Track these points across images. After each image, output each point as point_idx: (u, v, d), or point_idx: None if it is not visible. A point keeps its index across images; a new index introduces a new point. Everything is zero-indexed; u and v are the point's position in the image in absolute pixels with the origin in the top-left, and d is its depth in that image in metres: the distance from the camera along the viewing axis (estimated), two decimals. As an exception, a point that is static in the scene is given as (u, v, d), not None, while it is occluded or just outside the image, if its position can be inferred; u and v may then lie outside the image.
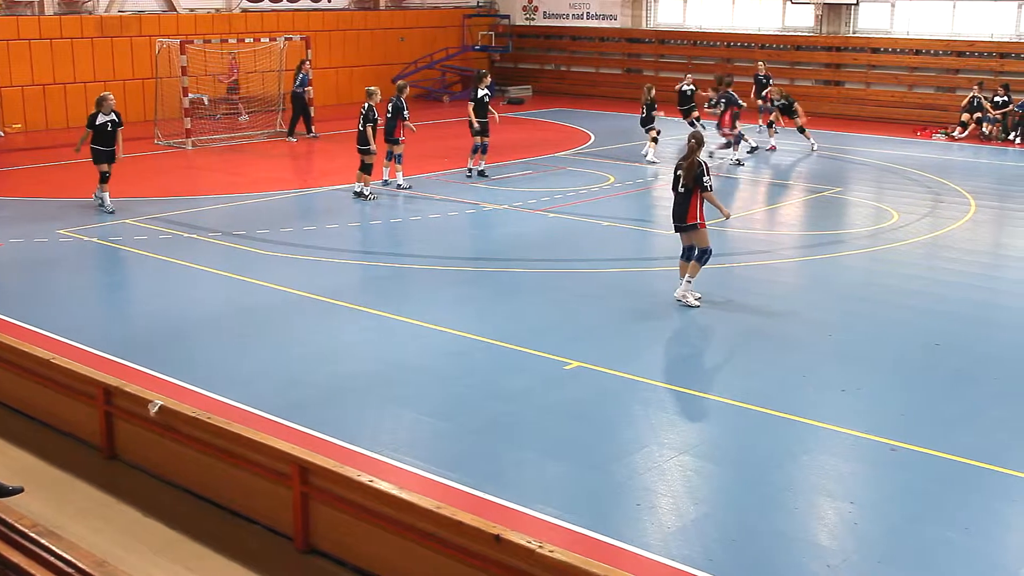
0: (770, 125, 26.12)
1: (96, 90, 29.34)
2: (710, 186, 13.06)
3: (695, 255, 13.20)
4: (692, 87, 27.18)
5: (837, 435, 9.69)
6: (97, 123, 18.51)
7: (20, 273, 15.13)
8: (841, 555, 7.66)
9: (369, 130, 19.50)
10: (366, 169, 19.68)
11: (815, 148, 25.57)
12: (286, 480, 7.66)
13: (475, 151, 21.92)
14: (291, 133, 27.57)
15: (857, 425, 9.83)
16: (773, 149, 25.51)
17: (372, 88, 20.08)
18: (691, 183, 13.01)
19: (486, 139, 21.80)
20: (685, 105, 26.72)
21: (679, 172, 13.15)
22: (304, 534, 7.64)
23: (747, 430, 9.85)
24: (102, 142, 18.59)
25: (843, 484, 8.84)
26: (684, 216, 13.19)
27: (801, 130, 25.62)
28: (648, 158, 23.87)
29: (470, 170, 22.04)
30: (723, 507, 8.43)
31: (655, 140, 24.04)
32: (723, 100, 23.42)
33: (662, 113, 24.19)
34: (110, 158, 18.70)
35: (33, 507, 7.87)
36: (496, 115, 22.33)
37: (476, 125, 21.56)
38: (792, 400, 10.49)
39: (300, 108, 27.56)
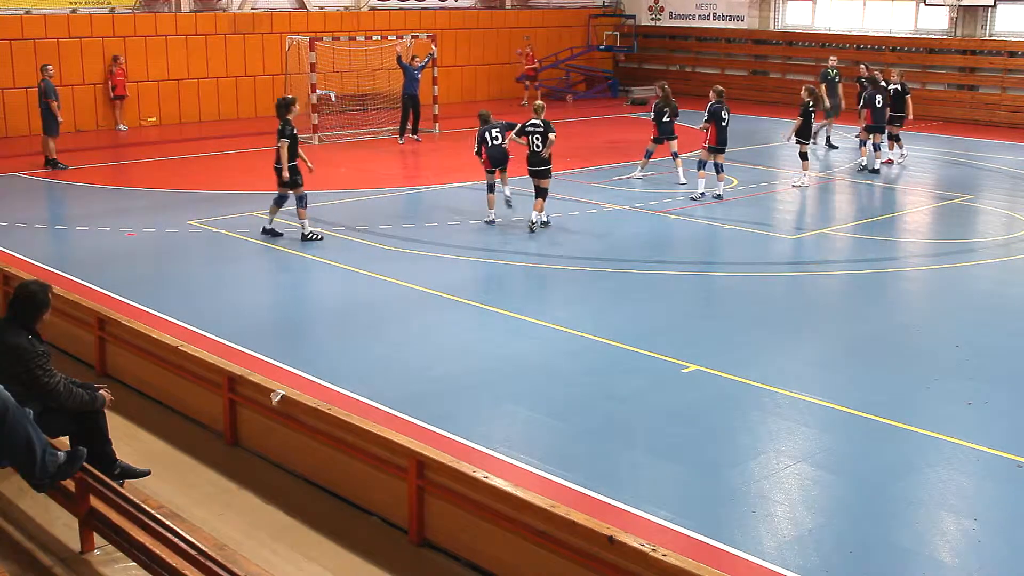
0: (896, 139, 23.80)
1: (228, 86, 30.34)
2: None
3: None
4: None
5: (961, 449, 9.42)
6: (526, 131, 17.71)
7: (151, 262, 15.60)
8: (963, 573, 7.46)
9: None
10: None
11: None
12: (402, 473, 7.75)
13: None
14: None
15: (982, 440, 9.54)
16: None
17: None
18: None
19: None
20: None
21: None
22: (418, 527, 7.72)
23: (868, 441, 9.64)
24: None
25: (966, 500, 8.60)
26: None
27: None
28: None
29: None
30: (841, 518, 8.27)
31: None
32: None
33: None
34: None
35: (159, 489, 8.10)
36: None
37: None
38: (915, 412, 10.25)
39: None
